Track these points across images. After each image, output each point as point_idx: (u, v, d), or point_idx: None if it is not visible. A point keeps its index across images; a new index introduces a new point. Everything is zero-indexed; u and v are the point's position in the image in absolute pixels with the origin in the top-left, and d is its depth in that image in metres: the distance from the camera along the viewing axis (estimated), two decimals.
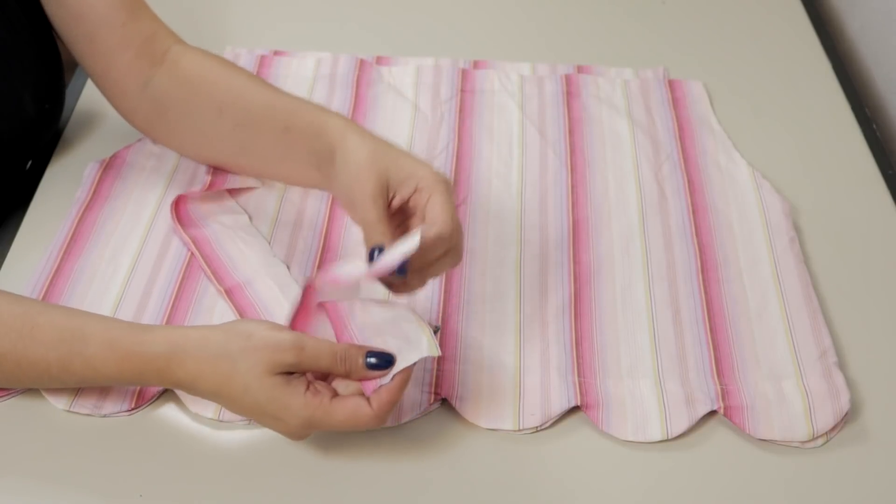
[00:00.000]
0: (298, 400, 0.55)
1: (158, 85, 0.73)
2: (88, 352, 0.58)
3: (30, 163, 0.82)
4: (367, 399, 0.56)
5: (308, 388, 0.56)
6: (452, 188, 0.62)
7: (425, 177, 0.61)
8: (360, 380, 0.57)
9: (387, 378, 0.56)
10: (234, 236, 0.74)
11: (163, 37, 0.74)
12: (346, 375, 0.57)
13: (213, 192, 0.77)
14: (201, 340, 0.57)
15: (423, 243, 0.57)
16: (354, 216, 0.64)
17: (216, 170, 0.78)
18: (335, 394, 0.57)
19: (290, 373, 0.56)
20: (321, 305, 0.61)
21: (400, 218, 0.63)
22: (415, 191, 0.61)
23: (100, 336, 0.58)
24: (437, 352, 0.57)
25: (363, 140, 0.64)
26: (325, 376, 0.59)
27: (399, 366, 0.56)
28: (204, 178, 0.78)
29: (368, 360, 0.57)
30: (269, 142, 0.71)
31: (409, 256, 0.57)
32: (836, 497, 0.62)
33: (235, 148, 0.74)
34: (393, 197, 0.62)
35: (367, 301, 0.60)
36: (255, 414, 0.57)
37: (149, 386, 0.62)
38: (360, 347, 0.57)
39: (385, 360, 0.57)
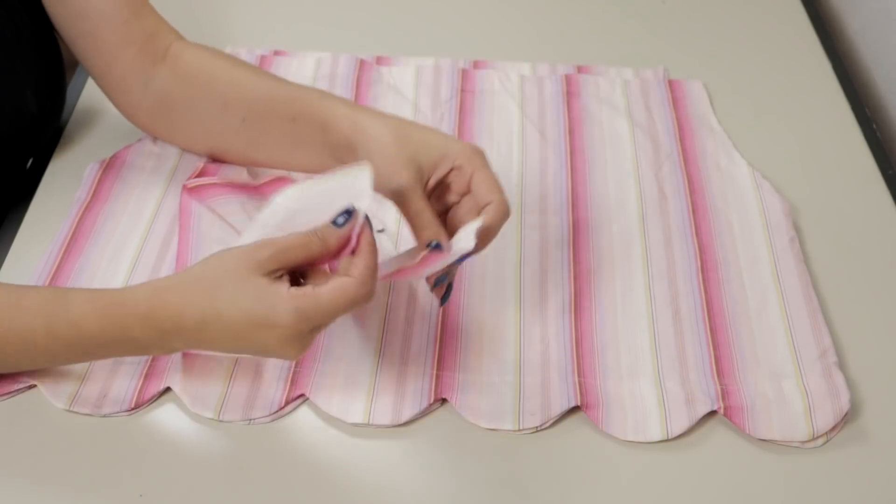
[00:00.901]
0: (283, 293, 0.54)
1: (161, 82, 0.73)
2: (72, 310, 0.58)
3: (30, 161, 0.82)
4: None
5: (291, 284, 0.55)
6: (486, 157, 0.62)
7: (461, 152, 0.61)
8: (338, 244, 0.56)
9: (356, 227, 0.56)
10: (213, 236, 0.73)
11: (164, 34, 0.74)
12: (324, 248, 0.56)
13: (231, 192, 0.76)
14: (180, 274, 0.57)
15: (490, 224, 0.59)
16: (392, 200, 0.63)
17: (213, 159, 0.79)
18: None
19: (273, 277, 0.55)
20: None
21: (436, 195, 0.63)
22: (451, 170, 0.61)
23: (83, 295, 0.58)
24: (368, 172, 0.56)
25: (383, 126, 0.63)
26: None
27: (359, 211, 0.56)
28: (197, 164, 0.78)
29: (336, 221, 0.55)
30: (279, 134, 0.71)
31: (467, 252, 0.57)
32: (836, 497, 0.62)
33: (244, 142, 0.74)
34: (428, 180, 0.62)
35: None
36: (243, 332, 0.55)
37: (128, 343, 0.59)
38: (325, 223, 0.56)
39: (346, 212, 0.56)
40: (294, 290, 0.54)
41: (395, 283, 0.73)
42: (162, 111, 0.75)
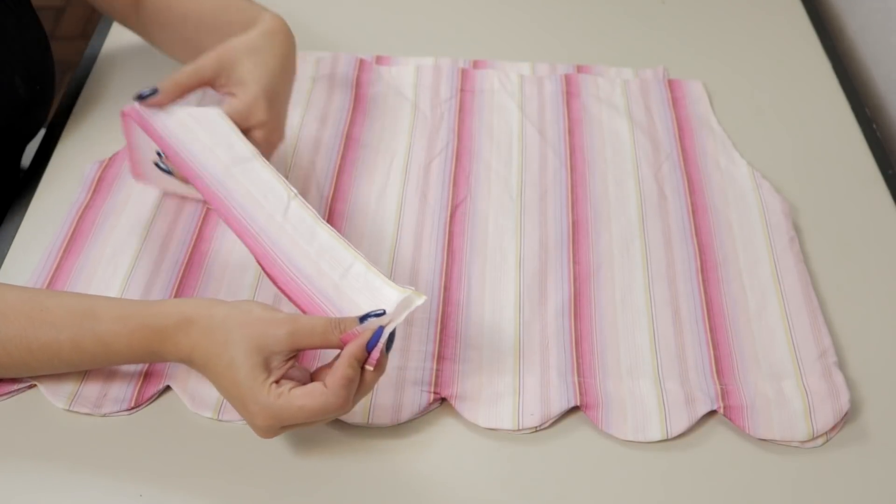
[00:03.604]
0: (264, 390, 0.56)
1: (146, 5, 0.80)
2: (101, 328, 0.59)
3: (30, 163, 0.82)
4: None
5: (278, 382, 0.56)
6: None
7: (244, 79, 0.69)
8: (352, 336, 0.57)
9: (376, 323, 0.57)
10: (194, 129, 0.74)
11: None
12: (341, 340, 0.57)
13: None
14: (208, 310, 0.58)
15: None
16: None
17: None
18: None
19: (272, 367, 0.57)
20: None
21: None
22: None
23: (111, 313, 0.60)
24: (415, 299, 0.58)
25: (247, 41, 0.70)
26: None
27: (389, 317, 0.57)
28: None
29: (363, 318, 0.57)
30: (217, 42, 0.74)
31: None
32: (835, 497, 0.62)
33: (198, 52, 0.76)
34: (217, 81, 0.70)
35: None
36: (230, 393, 0.57)
37: (152, 359, 0.61)
38: (352, 317, 0.58)
39: (376, 314, 0.57)
40: (275, 388, 0.56)
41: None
42: (148, 30, 0.82)
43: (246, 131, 0.68)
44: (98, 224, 0.75)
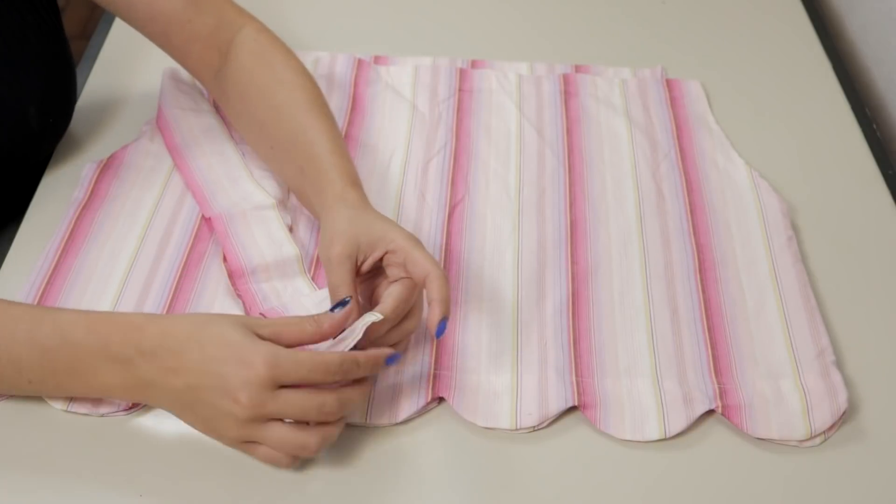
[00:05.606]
0: (266, 343, 0.56)
1: (223, 78, 0.77)
2: (61, 317, 0.58)
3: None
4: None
5: None
6: (423, 245, 0.64)
7: (395, 238, 0.64)
8: (331, 329, 0.59)
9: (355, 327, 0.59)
10: (207, 150, 0.80)
11: (226, 26, 0.76)
12: (318, 331, 0.59)
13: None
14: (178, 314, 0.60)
15: (438, 294, 0.61)
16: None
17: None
18: None
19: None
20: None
21: (370, 281, 0.66)
22: (386, 252, 0.64)
23: (74, 310, 0.60)
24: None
25: (346, 210, 0.66)
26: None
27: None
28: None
29: (333, 309, 0.59)
30: (291, 174, 0.73)
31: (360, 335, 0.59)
32: (833, 496, 0.62)
33: (272, 163, 0.77)
34: (363, 261, 0.64)
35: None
36: (216, 362, 0.55)
37: (106, 366, 0.58)
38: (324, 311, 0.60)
39: (342, 303, 0.60)
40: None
41: None
42: (223, 102, 0.79)
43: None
44: (96, 225, 0.75)
